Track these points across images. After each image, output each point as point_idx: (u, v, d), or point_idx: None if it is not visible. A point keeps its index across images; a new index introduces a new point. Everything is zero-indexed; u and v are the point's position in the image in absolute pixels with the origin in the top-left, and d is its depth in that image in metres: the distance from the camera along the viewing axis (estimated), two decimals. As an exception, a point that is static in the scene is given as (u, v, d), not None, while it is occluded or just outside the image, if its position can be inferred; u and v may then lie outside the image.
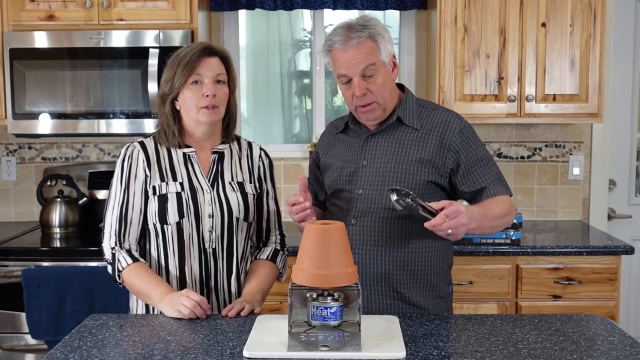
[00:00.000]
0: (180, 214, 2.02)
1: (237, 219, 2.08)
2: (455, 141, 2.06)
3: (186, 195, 2.03)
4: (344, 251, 1.68)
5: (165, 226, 2.03)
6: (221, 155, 2.12)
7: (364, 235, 2.06)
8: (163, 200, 2.02)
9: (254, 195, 2.13)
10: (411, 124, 2.09)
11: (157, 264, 2.07)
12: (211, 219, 2.04)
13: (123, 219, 2.04)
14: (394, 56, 2.08)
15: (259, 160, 2.19)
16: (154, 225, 2.04)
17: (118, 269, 2.02)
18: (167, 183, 2.04)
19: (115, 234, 2.04)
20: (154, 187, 2.03)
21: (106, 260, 2.05)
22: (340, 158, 2.15)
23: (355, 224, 2.07)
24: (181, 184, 2.04)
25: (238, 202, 2.08)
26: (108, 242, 2.04)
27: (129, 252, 2.03)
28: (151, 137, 2.11)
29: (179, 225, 2.02)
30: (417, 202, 1.83)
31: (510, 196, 2.10)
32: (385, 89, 2.04)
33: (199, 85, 2.00)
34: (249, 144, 2.21)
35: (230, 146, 2.15)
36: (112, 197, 2.07)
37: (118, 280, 2.03)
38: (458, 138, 2.06)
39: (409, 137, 2.08)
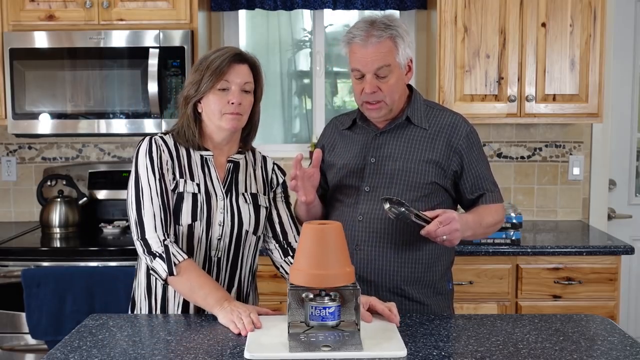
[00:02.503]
0: (194, 217, 1.97)
1: (247, 231, 2.04)
2: (461, 144, 2.10)
3: (202, 198, 1.98)
4: (341, 251, 1.68)
5: (177, 227, 1.97)
6: (236, 165, 2.07)
7: (371, 232, 2.08)
8: (179, 198, 1.97)
9: (266, 208, 2.10)
10: (419, 123, 2.12)
11: None
12: (221, 227, 2.00)
13: (167, 208, 1.93)
14: (411, 60, 2.10)
15: (272, 173, 2.16)
16: None
17: (174, 263, 1.88)
18: (185, 181, 1.98)
19: (162, 224, 1.92)
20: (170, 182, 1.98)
21: (152, 254, 1.90)
22: (345, 156, 2.17)
23: (362, 221, 2.08)
24: (198, 185, 1.99)
25: (250, 214, 2.04)
26: (155, 233, 1.90)
27: (179, 247, 1.93)
28: (170, 134, 2.05)
29: (190, 229, 1.97)
30: (411, 210, 1.89)
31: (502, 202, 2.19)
32: (396, 90, 2.06)
33: (225, 92, 1.96)
34: (263, 157, 2.18)
35: (245, 156, 2.11)
36: (144, 188, 1.94)
37: (174, 274, 1.88)
38: (464, 142, 2.10)
39: (417, 137, 2.11)
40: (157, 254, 1.90)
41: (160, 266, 1.90)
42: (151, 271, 1.96)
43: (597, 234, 3.38)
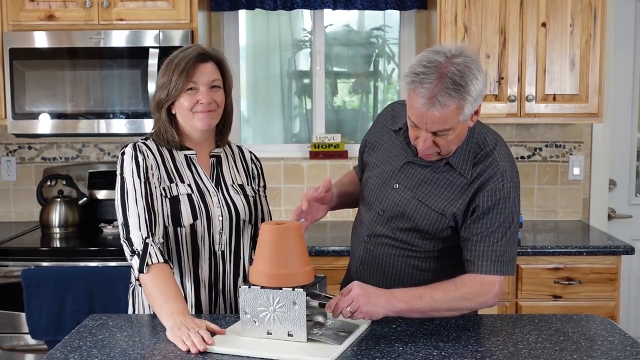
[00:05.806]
0: (194, 216, 1.99)
1: (244, 221, 2.09)
2: (482, 203, 1.85)
3: (196, 197, 2.01)
4: (300, 250, 1.71)
5: (179, 229, 1.99)
6: (219, 159, 2.12)
7: (373, 256, 2.01)
8: (175, 202, 1.99)
9: (253, 197, 2.15)
10: (461, 170, 1.89)
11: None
12: (221, 221, 2.03)
13: (151, 210, 1.94)
14: (480, 105, 1.81)
15: (252, 163, 2.21)
16: (166, 227, 1.99)
17: (147, 262, 1.87)
18: (176, 184, 2.01)
19: (146, 224, 1.92)
20: (164, 189, 1.99)
21: (133, 251, 1.90)
22: (377, 166, 2.04)
23: (368, 242, 2.01)
24: (189, 185, 2.02)
25: (243, 204, 2.09)
26: (138, 232, 1.91)
27: (160, 250, 1.92)
28: (150, 138, 2.06)
29: (193, 228, 2.00)
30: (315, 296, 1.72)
31: (503, 275, 1.86)
32: (454, 142, 1.85)
33: (194, 91, 1.98)
34: (238, 147, 2.22)
35: (224, 150, 2.16)
36: (130, 191, 1.94)
37: (144, 272, 1.87)
38: (487, 202, 1.85)
39: (450, 182, 1.90)
40: (137, 252, 1.90)
41: (135, 263, 1.89)
42: (131, 269, 1.94)
43: (597, 234, 3.38)
